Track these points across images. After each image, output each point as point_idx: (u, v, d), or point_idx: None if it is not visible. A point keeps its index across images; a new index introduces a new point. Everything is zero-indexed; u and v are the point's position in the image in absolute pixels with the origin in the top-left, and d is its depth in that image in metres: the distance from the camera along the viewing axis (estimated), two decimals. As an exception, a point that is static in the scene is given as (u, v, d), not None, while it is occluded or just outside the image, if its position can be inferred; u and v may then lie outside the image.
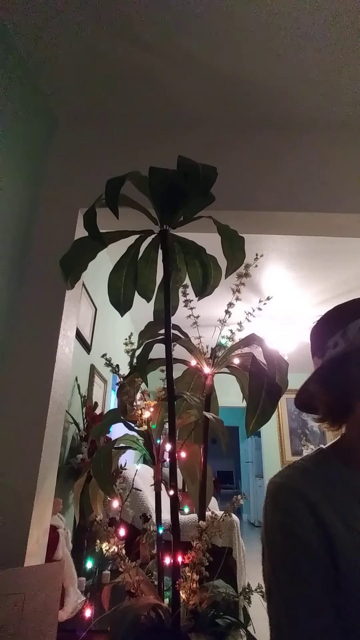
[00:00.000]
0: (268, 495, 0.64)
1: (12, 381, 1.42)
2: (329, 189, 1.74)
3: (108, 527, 1.18)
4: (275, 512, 0.62)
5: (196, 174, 1.05)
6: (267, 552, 0.61)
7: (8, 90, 1.48)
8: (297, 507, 0.59)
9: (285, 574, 0.57)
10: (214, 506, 3.28)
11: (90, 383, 2.60)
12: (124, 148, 1.81)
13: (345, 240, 2.46)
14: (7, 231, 1.49)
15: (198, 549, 1.08)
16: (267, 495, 0.64)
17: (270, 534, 0.61)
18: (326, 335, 0.69)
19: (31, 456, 1.33)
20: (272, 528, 0.61)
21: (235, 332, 1.43)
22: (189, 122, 1.82)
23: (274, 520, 0.61)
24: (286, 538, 0.59)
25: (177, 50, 1.52)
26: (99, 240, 1.13)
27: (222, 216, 1.32)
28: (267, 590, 0.59)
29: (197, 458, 1.30)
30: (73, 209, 1.69)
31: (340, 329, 0.66)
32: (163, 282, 1.25)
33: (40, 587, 1.06)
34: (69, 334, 1.61)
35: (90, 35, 1.47)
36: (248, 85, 1.65)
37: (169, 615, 1.01)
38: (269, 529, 0.62)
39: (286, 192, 1.74)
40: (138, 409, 1.30)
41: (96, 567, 2.01)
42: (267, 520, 0.63)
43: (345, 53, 1.50)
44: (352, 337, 0.63)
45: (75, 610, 1.55)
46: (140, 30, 1.45)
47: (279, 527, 0.60)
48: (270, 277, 3.29)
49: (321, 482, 0.62)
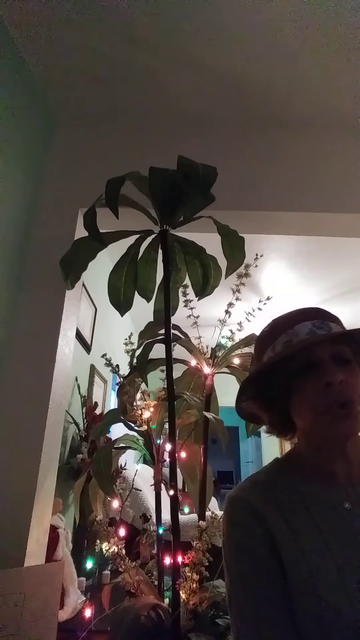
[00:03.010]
0: (224, 509, 0.66)
1: (12, 381, 1.42)
2: (330, 189, 1.74)
3: (108, 527, 1.18)
4: (227, 524, 0.64)
5: (196, 174, 1.05)
6: (225, 563, 0.63)
7: (8, 91, 1.47)
8: (246, 519, 0.62)
9: (239, 584, 0.59)
10: (214, 506, 3.28)
11: (90, 383, 2.60)
12: (124, 148, 1.81)
13: (345, 240, 2.46)
14: (7, 231, 1.49)
15: (198, 549, 1.09)
16: (223, 509, 0.66)
17: (225, 546, 0.63)
18: (262, 349, 0.70)
19: (31, 456, 1.33)
20: (226, 539, 0.63)
21: (235, 332, 1.43)
22: (189, 122, 1.82)
23: (226, 532, 0.64)
24: (238, 550, 0.61)
25: (177, 50, 1.52)
26: (99, 240, 1.13)
27: (222, 216, 1.32)
28: (228, 600, 0.60)
29: (197, 458, 1.30)
30: (73, 209, 1.69)
31: (272, 343, 0.67)
32: (163, 282, 1.25)
33: (40, 587, 1.06)
34: (69, 334, 1.61)
35: (90, 35, 1.47)
36: (248, 85, 1.65)
37: (169, 616, 1.01)
38: (224, 541, 0.64)
39: (287, 192, 1.74)
40: (138, 409, 1.30)
41: (96, 567, 2.02)
42: (222, 532, 0.65)
43: (346, 53, 1.50)
44: (279, 350, 0.64)
45: (75, 610, 1.55)
46: (140, 30, 1.45)
47: (232, 539, 0.62)
48: (270, 277, 3.29)
49: (272, 492, 0.64)
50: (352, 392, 0.59)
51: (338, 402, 0.58)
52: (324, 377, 0.59)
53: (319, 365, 0.61)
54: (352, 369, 0.61)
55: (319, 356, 0.61)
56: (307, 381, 0.61)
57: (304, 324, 0.64)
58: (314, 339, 0.61)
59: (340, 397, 0.58)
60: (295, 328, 0.64)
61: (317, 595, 0.52)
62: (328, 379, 0.58)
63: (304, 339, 0.62)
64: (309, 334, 0.62)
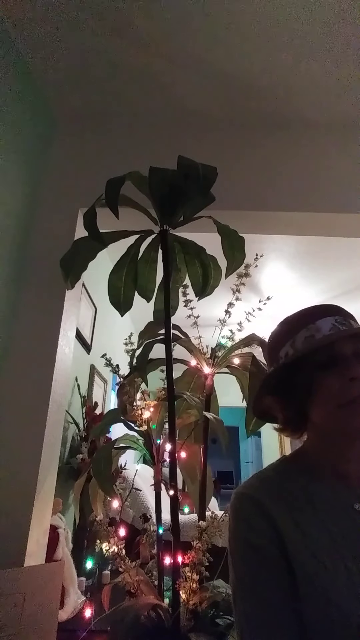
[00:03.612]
0: (230, 505, 0.66)
1: (12, 381, 1.42)
2: (330, 189, 1.73)
3: (108, 527, 1.18)
4: (234, 520, 0.64)
5: (196, 174, 1.05)
6: (230, 559, 0.63)
7: (8, 90, 1.48)
8: (252, 515, 0.62)
9: (245, 580, 0.59)
10: (214, 506, 3.28)
11: (90, 383, 2.60)
12: (124, 148, 1.81)
13: (345, 240, 2.46)
14: (7, 231, 1.49)
15: (198, 549, 1.09)
16: (230, 505, 0.66)
17: (231, 542, 0.63)
18: (278, 347, 0.71)
19: (31, 456, 1.33)
20: (232, 536, 0.63)
21: (235, 332, 1.43)
22: (189, 122, 1.82)
23: (233, 528, 0.64)
24: (244, 545, 0.61)
25: (178, 50, 1.52)
26: (99, 240, 1.13)
27: (222, 216, 1.32)
28: (232, 597, 0.60)
29: (197, 458, 1.30)
30: (73, 209, 1.69)
31: (290, 339, 0.68)
32: (163, 282, 1.25)
33: (40, 587, 1.06)
34: (69, 334, 1.61)
35: (90, 35, 1.47)
36: (248, 85, 1.65)
37: (169, 615, 1.01)
38: (230, 537, 0.64)
39: (287, 192, 1.74)
40: (138, 409, 1.30)
41: (96, 567, 2.02)
42: (229, 529, 0.65)
43: (346, 53, 1.50)
44: (300, 346, 0.65)
45: (75, 610, 1.55)
46: (140, 30, 1.45)
47: (238, 535, 0.62)
48: (270, 277, 3.29)
49: (280, 490, 0.64)
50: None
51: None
52: (348, 371, 0.60)
53: (342, 360, 0.62)
54: None
55: (343, 351, 0.62)
56: (330, 375, 0.62)
57: (326, 319, 0.65)
58: (342, 334, 0.62)
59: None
60: (317, 323, 0.65)
61: (325, 596, 0.52)
62: (353, 374, 0.60)
63: (328, 334, 0.63)
64: (332, 330, 0.63)
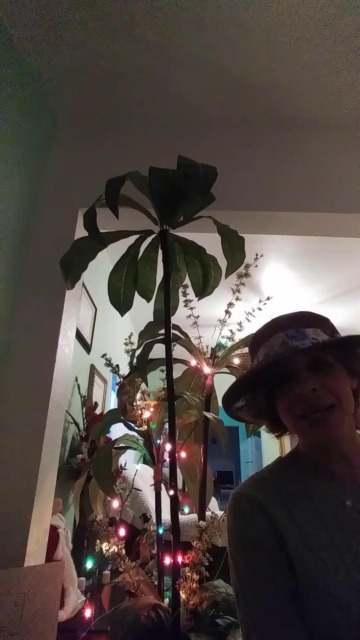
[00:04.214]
0: (228, 505, 0.67)
1: (12, 381, 1.42)
2: (330, 189, 1.73)
3: (108, 527, 1.18)
4: (233, 519, 0.65)
5: (196, 174, 1.05)
6: (231, 559, 0.63)
7: (8, 91, 1.47)
8: (251, 513, 0.62)
9: (247, 577, 0.59)
10: (214, 506, 3.28)
11: (90, 383, 2.60)
12: (124, 148, 1.81)
13: (345, 240, 2.46)
14: (7, 231, 1.49)
15: (198, 549, 1.09)
16: (228, 506, 0.67)
17: (231, 541, 0.64)
18: (251, 359, 0.74)
19: (31, 456, 1.33)
20: (231, 535, 0.64)
21: (235, 332, 1.43)
22: (189, 122, 1.82)
23: (232, 528, 0.64)
24: (244, 543, 0.61)
25: (178, 50, 1.52)
26: (99, 240, 1.13)
27: (222, 216, 1.32)
28: (235, 597, 0.60)
29: (197, 458, 1.30)
30: (73, 209, 1.69)
31: (255, 354, 0.71)
32: (163, 282, 1.25)
33: (40, 587, 1.05)
34: (69, 334, 1.61)
35: (91, 35, 1.47)
36: (249, 85, 1.65)
37: (169, 615, 1.01)
38: (230, 537, 0.64)
39: (287, 192, 1.74)
40: (138, 409, 1.30)
41: (96, 567, 2.01)
42: (228, 529, 0.65)
43: (347, 52, 1.50)
44: (261, 359, 0.68)
45: (75, 610, 1.55)
46: (141, 30, 1.45)
47: (238, 533, 0.63)
48: (270, 277, 3.29)
49: (276, 488, 0.65)
50: (330, 397, 0.61)
51: (311, 409, 0.61)
52: (297, 386, 0.62)
53: (293, 374, 0.63)
54: (332, 373, 0.63)
55: (294, 366, 0.64)
56: (284, 390, 0.64)
57: (277, 335, 0.67)
58: (284, 354, 0.63)
59: (313, 404, 0.61)
60: (270, 340, 0.67)
61: (326, 591, 0.53)
62: (298, 389, 0.62)
63: (275, 352, 0.65)
64: (282, 346, 0.65)
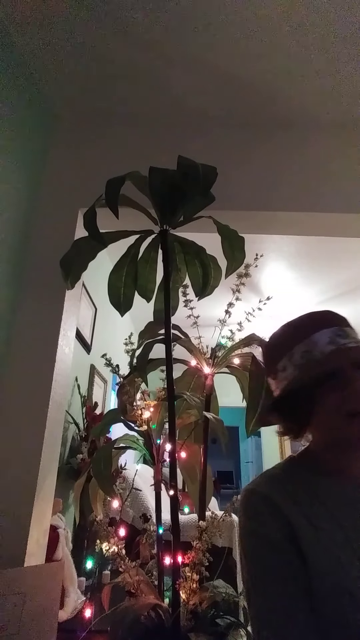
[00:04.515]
0: (240, 502, 0.67)
1: (12, 381, 1.42)
2: (330, 189, 1.73)
3: (108, 527, 1.18)
4: (245, 517, 0.64)
5: (196, 174, 1.05)
6: (242, 556, 0.63)
7: (8, 90, 1.47)
8: (263, 510, 0.62)
9: (259, 574, 0.59)
10: (214, 506, 3.28)
11: (90, 383, 2.60)
12: (124, 148, 1.81)
13: (345, 240, 2.46)
14: (7, 231, 1.49)
15: (198, 549, 1.09)
16: (240, 503, 0.67)
17: (244, 539, 0.63)
18: (276, 357, 0.70)
19: (31, 456, 1.33)
20: (244, 533, 0.64)
21: (235, 332, 1.43)
22: (189, 122, 1.82)
23: (244, 526, 0.64)
24: (257, 540, 0.61)
25: (177, 50, 1.52)
26: (99, 240, 1.13)
27: (222, 216, 1.32)
28: (246, 594, 0.60)
29: (197, 458, 1.30)
30: (73, 209, 1.68)
31: (288, 351, 0.67)
32: (163, 282, 1.25)
33: (40, 587, 1.05)
34: (69, 334, 1.61)
35: (91, 35, 1.47)
36: (249, 85, 1.65)
37: (169, 615, 1.01)
38: (242, 534, 0.64)
39: (287, 192, 1.74)
40: (138, 409, 1.30)
41: (96, 567, 2.01)
42: (240, 526, 0.65)
43: (347, 52, 1.50)
44: (298, 361, 0.65)
45: (75, 610, 1.54)
46: (141, 30, 1.45)
47: (250, 531, 0.63)
48: (270, 277, 3.29)
49: (289, 487, 0.65)
50: None
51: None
52: (346, 384, 0.61)
53: (340, 372, 0.62)
54: None
55: (340, 365, 0.62)
56: (330, 389, 0.62)
57: (322, 332, 0.64)
58: (349, 353, 0.62)
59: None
60: (313, 337, 0.64)
61: (340, 587, 0.53)
62: (351, 388, 0.60)
63: (329, 351, 0.62)
64: (330, 344, 0.63)
